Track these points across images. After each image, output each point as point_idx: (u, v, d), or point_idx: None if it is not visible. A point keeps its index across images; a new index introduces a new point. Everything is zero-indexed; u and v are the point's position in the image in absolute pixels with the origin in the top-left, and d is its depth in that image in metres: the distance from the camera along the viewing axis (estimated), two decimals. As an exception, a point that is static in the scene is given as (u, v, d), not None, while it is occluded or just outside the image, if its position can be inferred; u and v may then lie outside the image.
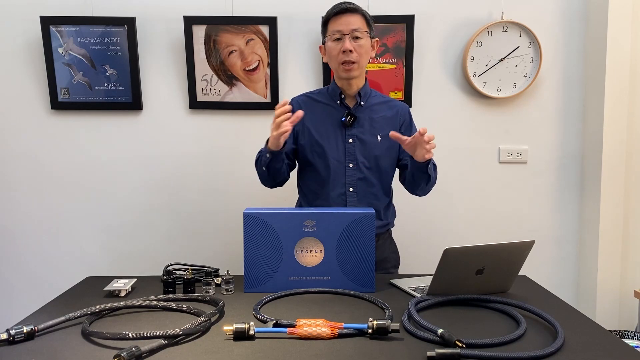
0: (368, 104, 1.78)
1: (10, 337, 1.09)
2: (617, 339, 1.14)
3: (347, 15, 1.66)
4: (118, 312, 1.30)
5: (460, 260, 1.33)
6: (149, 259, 2.42)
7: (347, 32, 1.65)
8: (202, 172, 2.42)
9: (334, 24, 1.67)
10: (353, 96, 1.77)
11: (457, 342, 1.03)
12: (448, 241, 1.70)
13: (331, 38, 1.68)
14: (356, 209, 1.50)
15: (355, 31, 1.65)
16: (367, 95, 1.79)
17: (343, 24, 1.65)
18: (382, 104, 1.81)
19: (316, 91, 1.86)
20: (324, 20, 1.72)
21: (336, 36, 1.67)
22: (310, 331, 1.12)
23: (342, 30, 1.65)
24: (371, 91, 1.82)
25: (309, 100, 1.81)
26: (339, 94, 1.77)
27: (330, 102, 1.79)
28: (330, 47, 1.69)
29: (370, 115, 1.77)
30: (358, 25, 1.66)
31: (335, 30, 1.66)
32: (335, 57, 1.68)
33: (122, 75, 2.33)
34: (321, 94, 1.83)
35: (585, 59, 2.39)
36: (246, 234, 1.46)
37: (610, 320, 2.35)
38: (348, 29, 1.65)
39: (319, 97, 1.82)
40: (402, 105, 1.83)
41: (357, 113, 1.76)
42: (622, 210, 2.34)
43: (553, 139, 2.43)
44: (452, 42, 2.38)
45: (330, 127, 1.76)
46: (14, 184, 2.41)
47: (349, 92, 1.76)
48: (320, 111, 1.78)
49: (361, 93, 1.76)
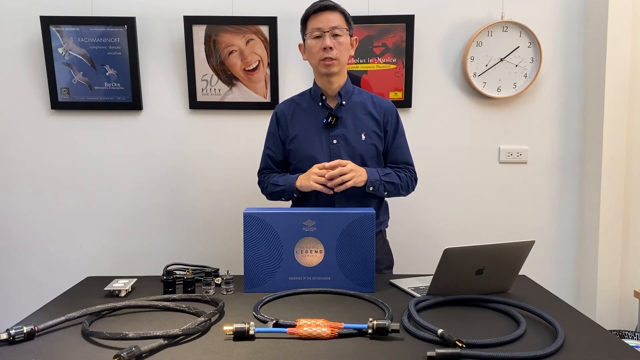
0: (350, 103, 1.77)
1: (10, 337, 1.09)
2: (617, 339, 1.14)
3: (326, 13, 1.66)
4: (118, 312, 1.31)
5: (460, 260, 1.33)
6: (149, 259, 2.42)
7: (327, 29, 1.65)
8: (202, 172, 2.42)
9: (314, 21, 1.67)
10: (334, 96, 1.76)
11: (457, 342, 1.03)
12: (448, 241, 1.71)
13: (311, 35, 1.68)
14: (356, 209, 1.50)
15: (335, 29, 1.65)
16: (348, 93, 1.78)
17: (323, 21, 1.65)
18: (366, 101, 1.79)
19: (299, 95, 1.86)
20: (303, 18, 1.71)
21: (316, 34, 1.66)
22: (310, 331, 1.12)
23: (321, 27, 1.65)
24: (354, 88, 1.81)
25: (292, 105, 1.82)
26: (320, 95, 1.76)
27: (313, 104, 1.79)
28: (311, 44, 1.69)
29: (354, 114, 1.76)
30: (338, 23, 1.66)
31: (315, 28, 1.66)
32: (315, 54, 1.68)
33: (122, 75, 2.33)
34: (304, 97, 1.83)
35: (585, 59, 2.39)
36: (246, 234, 1.46)
37: (610, 320, 2.35)
38: (328, 27, 1.65)
39: (301, 101, 1.82)
40: (388, 104, 1.81)
41: (339, 113, 1.75)
42: (622, 210, 2.34)
43: (553, 139, 2.43)
44: (452, 42, 2.38)
45: (315, 130, 1.76)
46: (14, 184, 2.41)
47: (329, 92, 1.76)
48: (304, 115, 1.78)
49: (342, 92, 1.75)
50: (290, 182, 1.69)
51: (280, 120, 1.81)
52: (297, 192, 1.68)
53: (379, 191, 1.68)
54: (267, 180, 1.79)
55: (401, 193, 1.77)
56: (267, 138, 1.85)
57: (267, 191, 1.80)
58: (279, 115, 1.82)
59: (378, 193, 1.69)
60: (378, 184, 1.67)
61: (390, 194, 1.73)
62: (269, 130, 1.84)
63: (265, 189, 1.81)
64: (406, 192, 1.79)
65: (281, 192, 1.73)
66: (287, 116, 1.80)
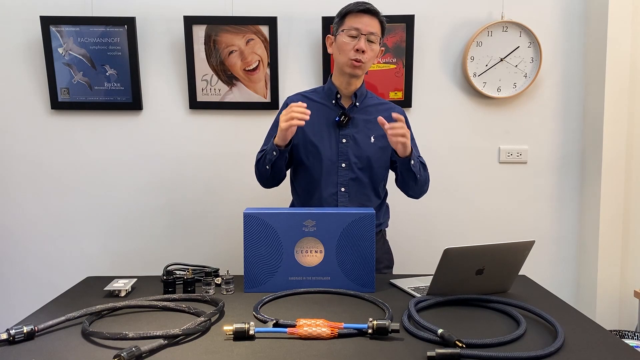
0: (363, 105, 1.78)
1: (10, 337, 1.09)
2: (617, 339, 1.14)
3: (368, 17, 1.67)
4: (118, 312, 1.30)
5: (460, 260, 1.33)
6: (149, 259, 2.42)
7: (364, 32, 1.66)
8: (202, 172, 2.42)
9: (354, 20, 1.67)
10: (349, 96, 1.77)
11: (457, 342, 1.03)
12: (448, 241, 1.70)
13: (347, 33, 1.67)
14: (356, 209, 1.50)
15: (371, 34, 1.67)
16: (362, 96, 1.79)
17: (363, 23, 1.66)
18: (377, 105, 1.81)
19: (311, 90, 1.86)
20: (343, 13, 1.70)
21: (353, 33, 1.67)
22: (310, 331, 1.12)
23: (360, 29, 1.66)
24: (367, 92, 1.82)
25: (304, 99, 1.81)
26: (335, 94, 1.77)
27: (326, 101, 1.79)
28: (344, 41, 1.68)
29: (365, 117, 1.77)
30: (375, 30, 1.68)
31: (354, 27, 1.66)
32: (346, 52, 1.68)
33: (122, 75, 2.33)
34: (316, 93, 1.83)
35: (585, 59, 2.39)
36: (246, 234, 1.46)
37: (610, 320, 2.35)
38: (366, 30, 1.66)
39: (314, 96, 1.82)
40: (398, 109, 1.83)
41: (352, 113, 1.76)
42: (622, 210, 2.34)
43: (553, 139, 2.43)
44: (452, 42, 2.38)
45: (325, 127, 1.76)
46: (14, 184, 2.41)
47: (345, 92, 1.76)
48: (315, 110, 1.77)
49: (357, 94, 1.76)
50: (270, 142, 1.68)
51: None
52: (276, 149, 1.65)
53: (416, 168, 1.66)
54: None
55: (425, 186, 1.75)
56: (273, 126, 1.83)
57: (255, 166, 1.77)
58: None
59: (414, 170, 1.65)
60: (417, 161, 1.67)
61: (420, 179, 1.69)
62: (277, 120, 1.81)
63: (255, 166, 1.78)
64: (426, 187, 1.77)
65: (264, 155, 1.70)
66: None
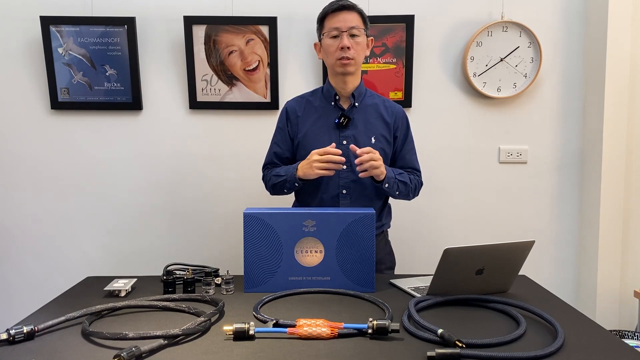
0: (363, 105, 1.78)
1: (10, 337, 1.09)
2: (617, 339, 1.14)
3: (344, 13, 1.66)
4: (118, 312, 1.30)
5: (460, 260, 1.33)
6: (149, 259, 2.42)
7: (344, 29, 1.65)
8: (202, 172, 2.42)
9: (331, 21, 1.67)
10: (347, 97, 1.77)
11: (457, 342, 1.03)
12: (448, 241, 1.71)
13: (328, 35, 1.68)
14: (356, 209, 1.50)
15: (352, 29, 1.66)
16: (361, 95, 1.78)
17: (341, 21, 1.66)
18: (378, 104, 1.80)
19: (310, 92, 1.85)
20: (320, 17, 1.72)
21: (334, 33, 1.67)
22: (310, 331, 1.12)
23: (339, 27, 1.66)
24: (366, 91, 1.81)
25: (303, 102, 1.82)
26: (334, 95, 1.77)
27: (325, 103, 1.79)
28: (328, 44, 1.69)
29: (365, 117, 1.77)
30: (355, 23, 1.67)
31: (333, 28, 1.66)
32: (332, 53, 1.68)
33: (122, 75, 2.33)
34: (315, 95, 1.83)
35: (585, 59, 2.39)
36: (246, 234, 1.46)
37: (610, 320, 2.35)
38: (346, 26, 1.65)
39: (313, 99, 1.82)
40: (399, 110, 1.82)
41: (352, 114, 1.75)
42: (622, 210, 2.34)
43: (553, 139, 2.43)
44: (452, 42, 2.38)
45: (325, 129, 1.76)
46: (14, 184, 2.41)
47: (343, 93, 1.76)
48: (314, 113, 1.78)
49: (355, 94, 1.76)
50: (291, 171, 1.69)
51: (291, 116, 1.80)
52: (298, 182, 1.68)
53: (392, 189, 1.68)
54: (269, 174, 1.79)
55: (409, 196, 1.78)
56: (275, 134, 1.84)
57: (269, 184, 1.79)
58: (289, 111, 1.81)
59: (391, 191, 1.69)
60: (393, 182, 1.68)
61: (400, 194, 1.73)
62: (278, 126, 1.84)
63: (268, 182, 1.80)
64: (412, 196, 1.80)
65: (283, 183, 1.72)
66: (297, 112, 1.79)
